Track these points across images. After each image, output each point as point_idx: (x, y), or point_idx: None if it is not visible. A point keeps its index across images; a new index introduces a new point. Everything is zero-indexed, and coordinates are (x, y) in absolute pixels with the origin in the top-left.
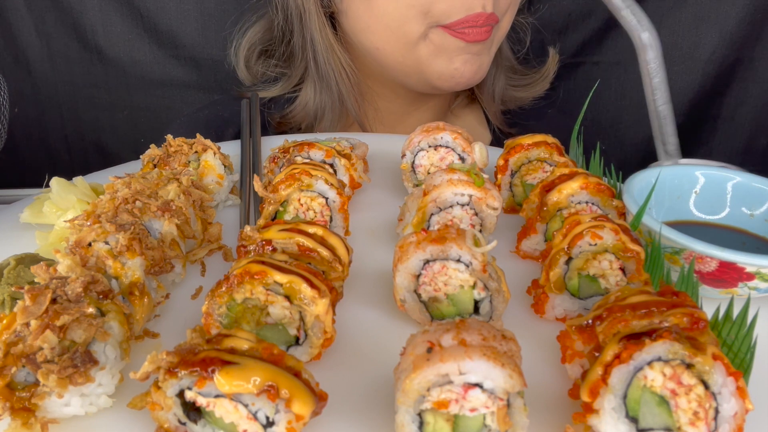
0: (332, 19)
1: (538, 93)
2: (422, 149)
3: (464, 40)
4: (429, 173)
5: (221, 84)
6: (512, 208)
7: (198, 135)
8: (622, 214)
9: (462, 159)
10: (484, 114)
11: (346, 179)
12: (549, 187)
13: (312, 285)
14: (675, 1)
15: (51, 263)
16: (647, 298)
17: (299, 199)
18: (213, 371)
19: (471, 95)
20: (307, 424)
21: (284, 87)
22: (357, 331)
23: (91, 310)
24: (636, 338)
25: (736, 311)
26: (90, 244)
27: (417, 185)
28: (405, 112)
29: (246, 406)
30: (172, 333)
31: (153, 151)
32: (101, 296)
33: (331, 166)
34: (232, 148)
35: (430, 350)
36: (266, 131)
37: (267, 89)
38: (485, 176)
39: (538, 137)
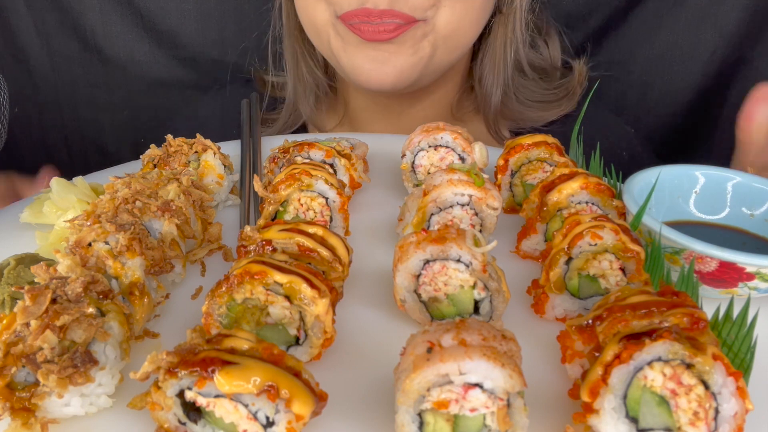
0: None
1: (561, 113)
2: (422, 149)
3: (361, 36)
4: (429, 173)
5: (221, 84)
6: (512, 208)
7: (198, 135)
8: (622, 214)
9: (462, 159)
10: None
11: (346, 179)
12: (549, 187)
13: (312, 285)
14: (675, 1)
15: (51, 263)
16: (647, 298)
17: (299, 199)
18: (213, 371)
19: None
20: (307, 424)
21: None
22: (357, 331)
23: (91, 310)
24: (636, 338)
25: (736, 311)
26: (90, 244)
27: (417, 185)
28: (381, 114)
29: (246, 406)
30: (172, 333)
31: (153, 151)
32: (101, 296)
33: (331, 166)
34: (232, 148)
35: (430, 350)
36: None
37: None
38: (485, 176)
39: (538, 137)
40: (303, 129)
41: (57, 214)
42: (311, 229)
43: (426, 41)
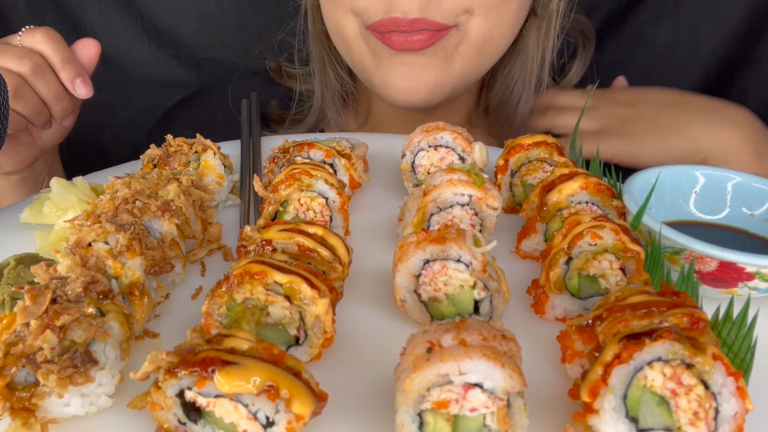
0: None
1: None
2: (422, 149)
3: (390, 46)
4: (429, 173)
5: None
6: (512, 208)
7: (198, 135)
8: (622, 214)
9: (462, 159)
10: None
11: (346, 179)
12: (549, 187)
13: (312, 285)
14: (675, 1)
15: (51, 263)
16: (647, 298)
17: (299, 199)
18: (213, 371)
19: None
20: (307, 424)
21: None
22: (357, 331)
23: (91, 310)
24: (636, 338)
25: (736, 311)
26: (90, 244)
27: (417, 185)
28: (403, 119)
29: (246, 406)
30: (172, 333)
31: (153, 151)
32: (101, 296)
33: (331, 166)
34: (232, 148)
35: (430, 350)
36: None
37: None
38: (485, 176)
39: (538, 137)
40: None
41: (57, 214)
42: (311, 229)
43: (457, 53)
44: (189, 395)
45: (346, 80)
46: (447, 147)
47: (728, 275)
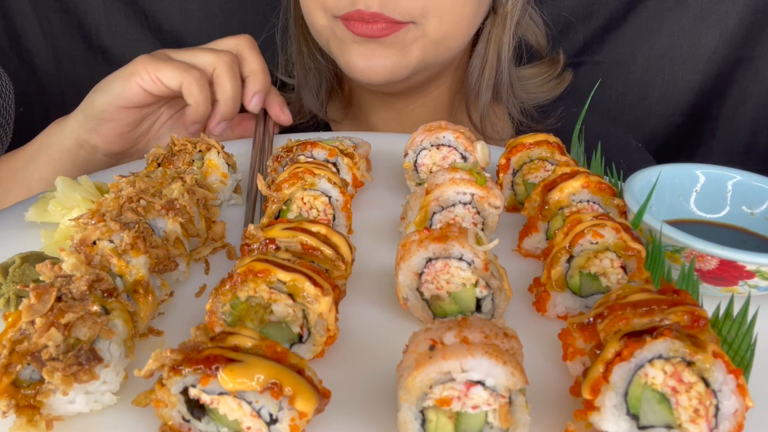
0: None
1: (555, 93)
2: (425, 148)
3: (353, 32)
4: (431, 172)
5: None
6: (514, 206)
7: (202, 134)
8: (623, 213)
9: (464, 158)
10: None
11: (348, 178)
12: (550, 185)
13: (315, 283)
14: (675, 1)
15: (56, 261)
16: (648, 296)
17: (302, 198)
18: (217, 369)
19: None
20: (310, 421)
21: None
22: (360, 329)
23: (95, 308)
24: (637, 336)
25: (736, 309)
26: (95, 243)
27: (419, 184)
28: (383, 109)
29: (250, 403)
30: (176, 331)
31: (157, 150)
32: (106, 294)
33: (334, 164)
34: (236, 147)
35: (432, 348)
36: None
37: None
38: (487, 175)
39: (540, 136)
40: (316, 122)
41: (62, 213)
42: (314, 228)
43: (415, 45)
44: (193, 392)
45: (322, 62)
46: (449, 146)
47: (728, 273)
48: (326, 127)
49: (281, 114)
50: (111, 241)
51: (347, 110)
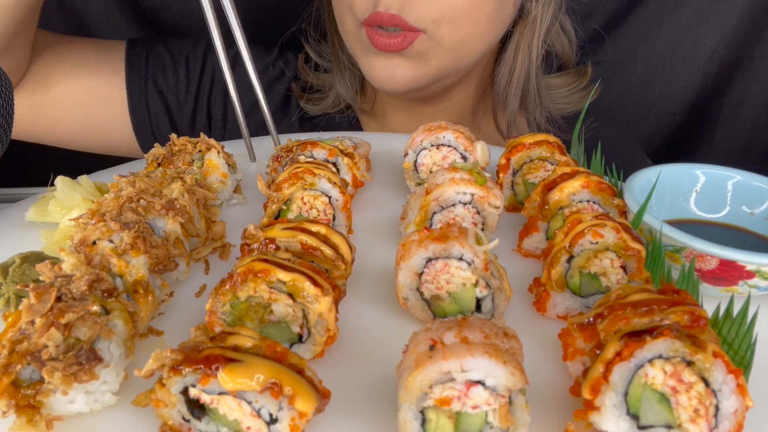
0: None
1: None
2: (425, 148)
3: (373, 45)
4: (431, 172)
5: None
6: (514, 206)
7: (202, 134)
8: (623, 213)
9: (464, 158)
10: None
11: (349, 178)
12: (550, 185)
13: (315, 283)
14: (675, 1)
15: (56, 261)
16: (648, 296)
17: (302, 198)
18: (217, 368)
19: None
20: (310, 421)
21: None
22: (360, 329)
23: (95, 308)
24: (637, 336)
25: (736, 309)
26: (95, 243)
27: (419, 184)
28: (404, 111)
29: (249, 403)
30: (176, 331)
31: (157, 150)
32: (106, 294)
33: (334, 164)
34: (236, 147)
35: (432, 348)
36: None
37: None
38: (487, 175)
39: (540, 136)
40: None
41: (62, 213)
42: (314, 228)
43: (432, 55)
44: (193, 392)
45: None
46: (449, 146)
47: (728, 273)
48: (356, 123)
49: None
50: (111, 241)
51: (371, 107)
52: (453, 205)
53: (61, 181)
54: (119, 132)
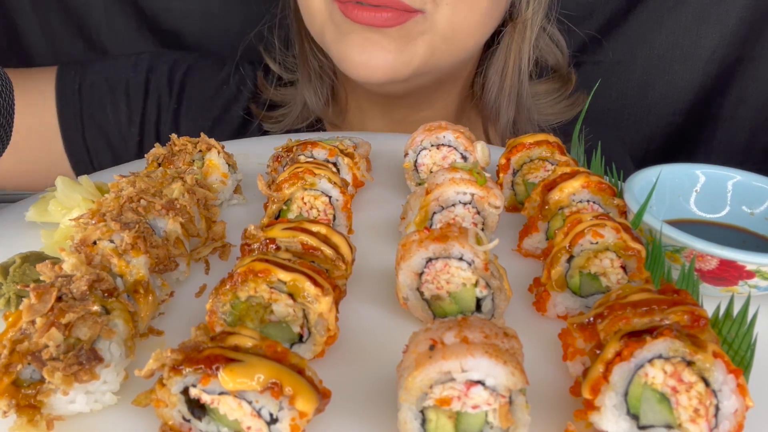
0: None
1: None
2: (425, 148)
3: (351, 19)
4: (431, 172)
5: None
6: (514, 206)
7: (202, 134)
8: (623, 213)
9: (464, 158)
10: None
11: (349, 178)
12: (550, 185)
13: (315, 283)
14: (675, 0)
15: (56, 261)
16: (648, 296)
17: (303, 198)
18: (217, 368)
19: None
20: (310, 421)
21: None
22: (360, 329)
23: (96, 308)
24: (637, 336)
25: (736, 309)
26: (95, 243)
27: (419, 184)
28: (380, 119)
29: (250, 403)
30: (177, 331)
31: (157, 150)
32: (106, 294)
33: (334, 164)
34: (236, 147)
35: (432, 348)
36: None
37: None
38: (487, 175)
39: (540, 136)
40: (320, 125)
41: (62, 213)
42: (315, 228)
43: (421, 40)
44: (193, 392)
45: (323, 60)
46: (449, 146)
47: (728, 273)
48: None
49: None
50: (111, 241)
51: (344, 118)
52: (453, 205)
53: (61, 181)
54: (63, 171)
